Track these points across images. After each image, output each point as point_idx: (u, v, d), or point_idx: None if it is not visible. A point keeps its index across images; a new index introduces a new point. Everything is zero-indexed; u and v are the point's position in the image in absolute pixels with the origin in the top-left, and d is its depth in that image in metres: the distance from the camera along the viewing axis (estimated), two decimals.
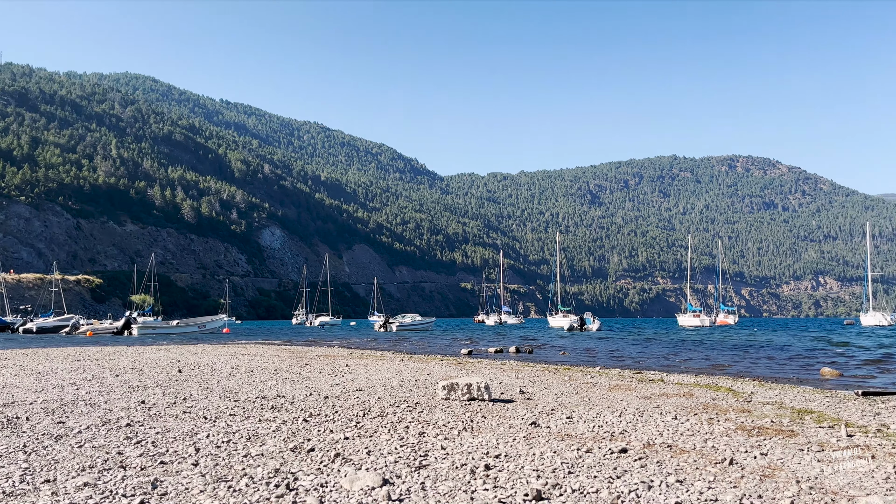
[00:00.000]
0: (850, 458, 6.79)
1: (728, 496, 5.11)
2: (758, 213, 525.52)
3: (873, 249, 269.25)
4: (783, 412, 10.31)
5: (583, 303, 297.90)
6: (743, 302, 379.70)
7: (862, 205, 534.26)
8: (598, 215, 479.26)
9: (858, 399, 12.52)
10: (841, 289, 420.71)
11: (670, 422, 8.96)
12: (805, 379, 17.68)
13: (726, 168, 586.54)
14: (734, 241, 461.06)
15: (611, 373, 17.61)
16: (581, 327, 66.50)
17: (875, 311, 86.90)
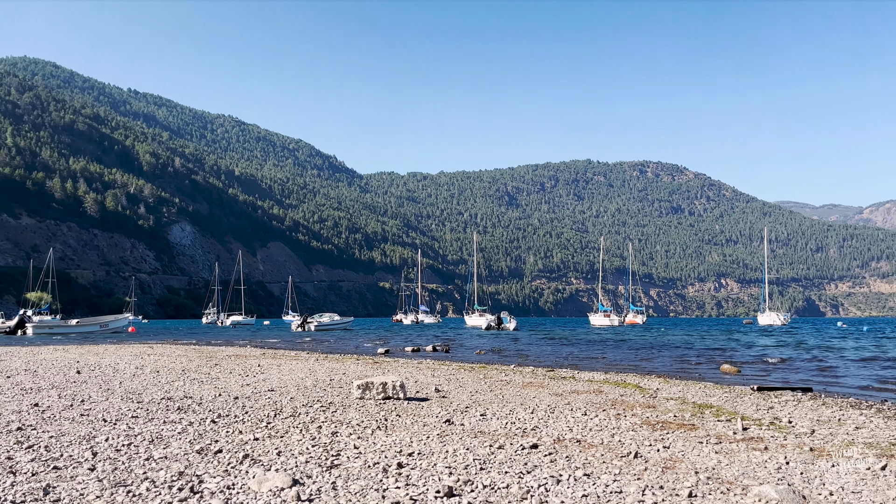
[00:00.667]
0: (745, 449, 7.16)
1: (632, 488, 5.28)
2: (666, 217, 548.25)
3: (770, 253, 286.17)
4: (685, 407, 10.77)
5: (499, 302, 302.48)
6: (651, 302, 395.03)
7: (761, 211, 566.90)
8: (516, 217, 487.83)
9: (754, 394, 13.23)
10: (741, 290, 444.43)
11: (580, 418, 9.19)
12: (707, 375, 18.54)
13: (637, 173, 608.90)
14: (644, 244, 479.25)
15: (524, 371, 17.93)
16: (498, 326, 67.45)
17: (770, 312, 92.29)
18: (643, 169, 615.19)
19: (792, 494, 5.07)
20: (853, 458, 6.74)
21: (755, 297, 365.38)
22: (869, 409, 11.38)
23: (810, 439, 7.97)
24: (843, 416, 10.37)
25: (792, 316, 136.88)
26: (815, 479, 5.78)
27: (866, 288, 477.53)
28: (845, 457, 6.84)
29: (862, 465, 6.36)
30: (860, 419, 10.05)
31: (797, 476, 5.90)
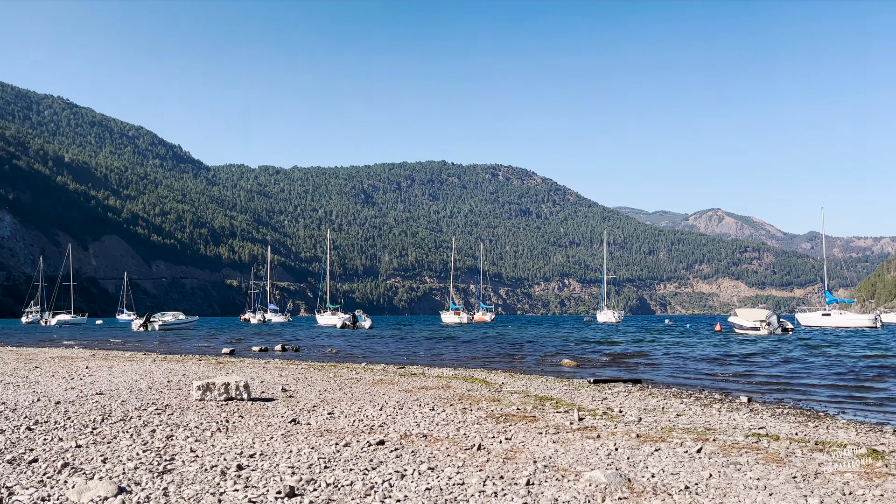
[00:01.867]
0: (580, 438, 7.57)
1: (474, 479, 5.40)
2: (515, 220, 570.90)
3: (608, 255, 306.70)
4: (528, 400, 11.22)
5: (354, 301, 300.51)
6: (500, 300, 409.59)
7: (601, 215, 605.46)
8: (371, 215, 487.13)
9: (590, 386, 14.07)
10: (582, 289, 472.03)
11: (428, 413, 9.30)
12: (548, 370, 19.48)
13: (489, 176, 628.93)
14: (494, 245, 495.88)
15: (375, 368, 17.91)
16: (354, 325, 66.95)
17: (608, 310, 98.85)
18: (495, 172, 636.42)
19: (619, 478, 5.42)
20: (673, 443, 7.33)
21: (595, 296, 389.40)
22: (689, 398, 12.46)
23: (637, 427, 8.58)
24: (667, 404, 11.28)
25: (626, 314, 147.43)
26: (640, 464, 6.22)
27: (690, 288, 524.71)
28: (666, 442, 7.42)
29: (680, 449, 6.92)
30: (681, 407, 10.98)
31: (624, 461, 6.32)
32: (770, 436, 8.14)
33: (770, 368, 19.62)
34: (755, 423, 9.40)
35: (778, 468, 6.12)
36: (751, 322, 44.52)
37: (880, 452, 7.24)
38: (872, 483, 5.60)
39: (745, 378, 17.07)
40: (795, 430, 8.78)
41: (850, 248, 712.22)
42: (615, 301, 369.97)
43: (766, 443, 7.56)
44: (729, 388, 14.67)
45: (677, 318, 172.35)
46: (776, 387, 15.21)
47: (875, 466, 6.40)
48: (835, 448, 7.43)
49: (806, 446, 7.43)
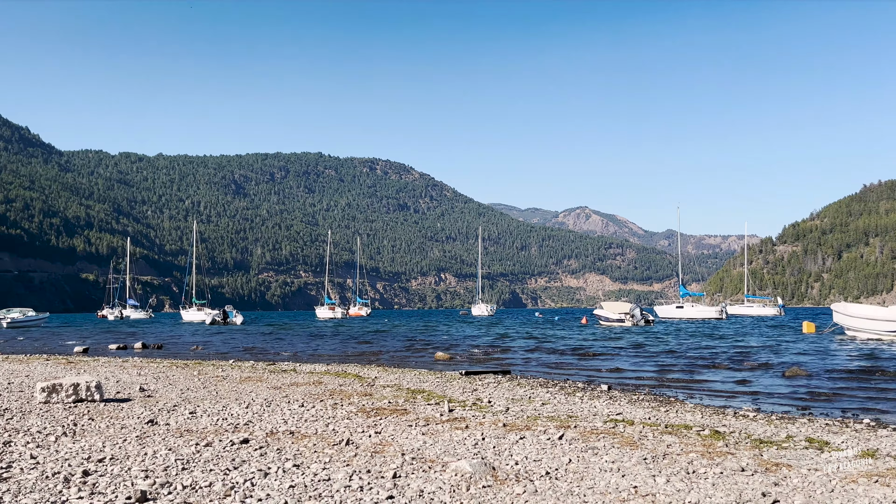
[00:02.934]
0: (449, 429, 7.66)
1: (340, 474, 5.32)
2: (393, 214, 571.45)
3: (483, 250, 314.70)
4: (400, 393, 11.25)
5: (223, 296, 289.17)
6: (378, 295, 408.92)
7: (476, 211, 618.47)
8: (243, 206, 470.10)
9: (462, 378, 14.32)
10: (458, 284, 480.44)
11: (297, 409, 9.09)
12: (422, 363, 19.65)
13: (367, 170, 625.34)
14: (372, 239, 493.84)
15: (244, 365, 17.31)
16: (224, 321, 64.41)
17: (482, 303, 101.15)
18: (373, 166, 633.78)
19: (484, 467, 5.53)
20: (537, 431, 7.58)
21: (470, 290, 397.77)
22: (554, 388, 12.98)
23: (505, 416, 8.82)
24: (534, 394, 11.68)
25: (499, 307, 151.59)
26: (505, 452, 6.38)
27: (559, 282, 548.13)
28: (531, 430, 7.68)
29: (544, 437, 7.18)
30: (547, 396, 11.41)
31: (490, 450, 6.46)
32: (626, 421, 8.62)
33: (632, 358, 20.83)
34: (614, 409, 9.94)
35: (631, 451, 6.49)
36: (616, 315, 47.07)
37: (722, 433, 7.86)
38: (713, 461, 6.06)
39: (608, 367, 18.02)
40: (649, 415, 9.36)
41: (703, 245, 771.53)
42: (489, 295, 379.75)
43: (622, 428, 8.00)
44: (592, 377, 15.43)
45: (547, 311, 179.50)
46: (635, 375, 16.16)
47: (716, 446, 6.93)
48: (682, 430, 7.98)
49: (657, 430, 7.93)
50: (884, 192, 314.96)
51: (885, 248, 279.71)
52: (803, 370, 15.83)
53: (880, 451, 6.95)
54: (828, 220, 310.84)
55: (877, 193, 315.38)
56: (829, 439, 7.64)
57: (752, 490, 5.07)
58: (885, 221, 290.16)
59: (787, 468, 5.86)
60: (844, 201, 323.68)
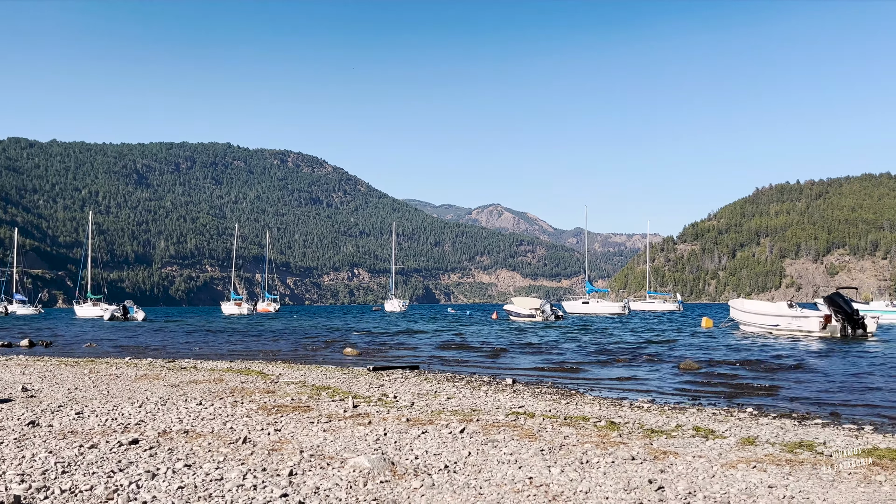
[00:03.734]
0: (351, 425, 7.59)
1: (234, 473, 5.16)
2: (305, 208, 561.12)
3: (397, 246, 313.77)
4: (304, 390, 11.05)
5: (123, 290, 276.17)
6: (288, 290, 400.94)
7: (391, 207, 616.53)
8: (146, 197, 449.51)
9: (370, 374, 14.23)
10: (371, 279, 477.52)
11: (194, 408, 8.77)
12: (330, 359, 19.41)
13: (278, 162, 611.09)
14: (283, 233, 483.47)
15: (140, 363, 16.57)
16: (124, 317, 61.42)
17: (395, 299, 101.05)
18: (284, 158, 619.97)
19: (383, 462, 5.50)
20: (440, 425, 7.63)
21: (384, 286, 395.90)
22: (461, 382, 13.10)
23: (409, 411, 8.82)
24: (440, 388, 11.75)
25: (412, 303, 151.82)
26: (406, 447, 6.38)
27: (472, 278, 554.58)
28: (434, 424, 7.71)
29: (446, 431, 7.23)
30: (452, 390, 11.50)
31: (391, 445, 6.44)
32: (527, 414, 8.81)
33: (539, 353, 21.30)
34: (517, 402, 10.12)
35: (530, 442, 6.63)
36: (527, 310, 48.01)
37: (617, 424, 8.15)
38: (606, 451, 6.27)
39: (515, 362, 18.36)
40: (550, 408, 9.59)
41: (609, 243, 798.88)
42: (403, 291, 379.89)
43: (523, 420, 8.16)
44: (499, 372, 15.67)
45: (459, 307, 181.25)
46: (540, 369, 16.54)
47: (610, 436, 7.18)
48: (580, 422, 8.22)
49: (556, 421, 8.14)
50: (774, 195, 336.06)
51: (775, 248, 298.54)
52: (696, 363, 16.65)
53: (760, 438, 7.39)
54: (724, 221, 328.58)
55: (768, 196, 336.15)
56: (714, 428, 8.06)
57: (640, 477, 5.28)
58: (775, 223, 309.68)
59: (674, 456, 6.13)
60: (739, 203, 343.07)
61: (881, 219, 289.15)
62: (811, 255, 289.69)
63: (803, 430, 8.07)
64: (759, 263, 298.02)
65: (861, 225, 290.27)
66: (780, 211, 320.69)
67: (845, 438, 7.57)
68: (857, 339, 25.29)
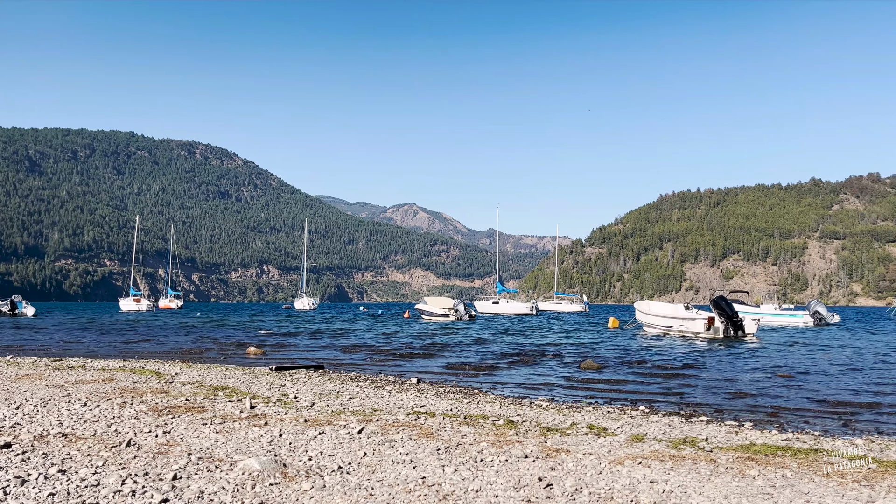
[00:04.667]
0: (246, 426, 7.38)
1: (112, 478, 4.91)
2: (213, 201, 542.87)
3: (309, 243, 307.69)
4: (201, 390, 10.68)
5: (11, 285, 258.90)
6: (193, 287, 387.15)
7: (303, 203, 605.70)
8: (38, 186, 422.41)
9: (272, 374, 13.90)
10: (281, 277, 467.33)
11: (77, 409, 8.30)
12: (233, 358, 18.85)
13: (185, 153, 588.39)
14: (188, 227, 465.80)
15: (24, 362, 15.57)
16: (12, 313, 57.54)
17: (306, 297, 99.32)
18: (192, 150, 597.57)
19: (274, 464, 5.38)
20: (338, 425, 7.53)
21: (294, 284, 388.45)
22: (366, 382, 13.00)
23: (308, 412, 8.67)
24: (343, 388, 11.62)
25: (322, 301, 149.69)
26: (301, 448, 6.26)
27: (386, 277, 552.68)
28: (333, 424, 7.61)
29: (343, 431, 7.14)
30: (356, 390, 11.40)
31: (286, 447, 6.31)
32: (429, 413, 8.83)
33: (448, 352, 21.41)
34: (419, 402, 10.14)
35: (427, 442, 6.64)
36: (441, 309, 48.24)
37: (515, 422, 8.29)
38: (502, 450, 6.36)
39: (423, 361, 18.40)
40: (451, 407, 9.66)
41: (521, 244, 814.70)
42: (314, 289, 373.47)
43: (423, 420, 8.18)
44: (404, 371, 15.66)
45: (372, 306, 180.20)
46: (447, 368, 16.64)
47: (507, 435, 7.30)
48: (480, 421, 8.32)
49: (456, 420, 8.20)
50: (676, 202, 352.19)
51: (676, 253, 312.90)
52: (597, 362, 17.20)
53: (648, 435, 7.70)
54: (629, 226, 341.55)
55: (671, 203, 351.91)
56: (607, 425, 8.34)
57: (531, 475, 5.38)
58: (677, 228, 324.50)
59: (565, 453, 6.29)
60: (644, 209, 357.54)
61: (772, 227, 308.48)
62: (709, 260, 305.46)
63: (689, 427, 8.47)
64: (661, 267, 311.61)
65: (754, 232, 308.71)
66: (681, 217, 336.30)
67: (726, 434, 8.00)
68: (739, 340, 26.81)
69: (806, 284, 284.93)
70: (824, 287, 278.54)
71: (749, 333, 28.13)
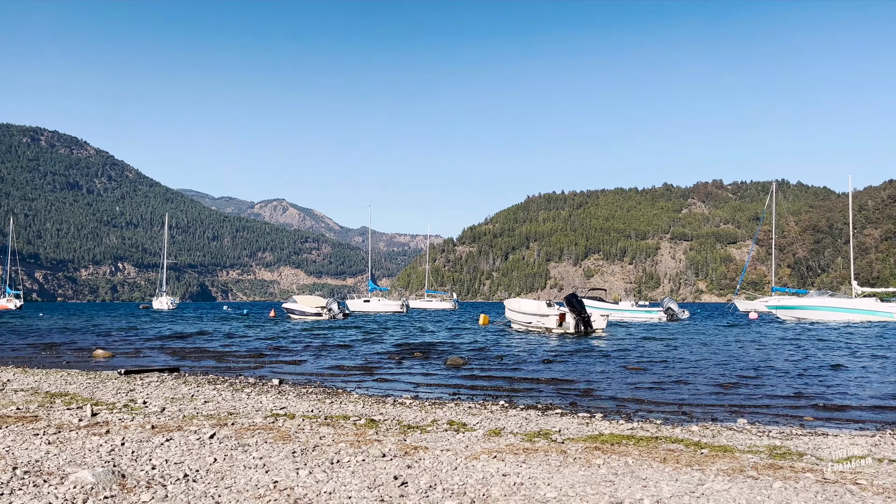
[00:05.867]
0: (85, 435, 6.84)
1: None
2: (60, 193, 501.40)
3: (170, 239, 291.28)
4: (35, 398, 9.81)
5: None
6: (36, 286, 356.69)
7: (164, 196, 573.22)
8: None
9: (120, 378, 13.03)
10: (138, 274, 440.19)
11: None
12: (77, 362, 17.49)
13: (29, 140, 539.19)
14: (32, 220, 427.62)
15: None
16: None
17: (166, 296, 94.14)
18: (36, 136, 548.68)
19: (111, 475, 5.01)
20: (189, 431, 7.15)
21: (153, 282, 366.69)
22: (224, 384, 12.48)
23: (158, 418, 8.18)
24: (199, 392, 11.08)
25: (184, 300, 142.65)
26: (144, 456, 5.88)
27: (253, 275, 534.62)
28: (182, 430, 7.21)
29: (194, 437, 6.79)
30: (212, 393, 10.90)
31: (127, 456, 5.90)
32: (288, 415, 8.61)
33: (315, 352, 21.00)
34: (279, 403, 9.86)
35: (283, 445, 6.45)
36: (313, 308, 47.23)
37: (377, 421, 8.26)
38: (360, 450, 6.29)
39: (289, 362, 17.93)
40: (313, 408, 9.47)
41: (394, 243, 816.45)
42: (175, 287, 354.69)
43: (281, 422, 7.95)
44: (266, 374, 15.18)
45: (237, 305, 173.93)
46: (313, 369, 16.31)
47: (368, 434, 7.25)
48: (341, 421, 8.21)
49: (317, 422, 8.04)
50: (542, 203, 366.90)
51: (542, 252, 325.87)
52: (462, 359, 17.52)
53: (506, 429, 7.92)
54: (498, 225, 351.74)
55: (538, 204, 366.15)
56: (467, 421, 8.50)
57: (387, 474, 5.36)
58: (543, 229, 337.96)
59: (423, 451, 6.33)
60: (512, 209, 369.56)
61: (629, 228, 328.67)
62: (572, 259, 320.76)
63: (544, 420, 8.81)
64: (528, 266, 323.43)
65: (613, 233, 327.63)
66: (547, 218, 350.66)
67: (578, 426, 8.39)
68: (588, 335, 28.30)
69: (658, 282, 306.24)
70: (674, 285, 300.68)
71: (598, 329, 29.73)
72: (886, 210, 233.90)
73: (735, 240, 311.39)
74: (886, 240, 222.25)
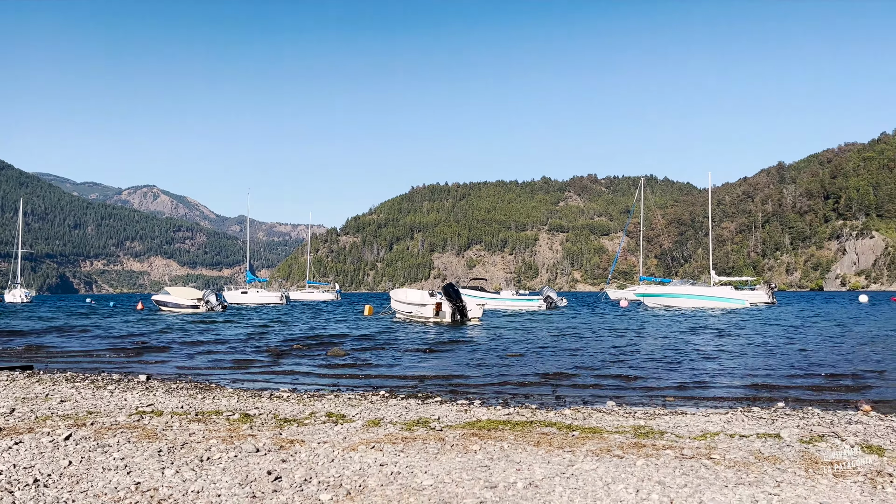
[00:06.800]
0: None
1: None
2: None
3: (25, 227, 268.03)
4: None
5: None
6: None
7: (18, 181, 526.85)
8: None
9: None
10: None
11: None
12: None
13: None
14: None
15: None
16: None
17: (19, 288, 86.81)
18: None
19: None
20: (41, 433, 6.61)
21: (5, 273, 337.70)
22: (84, 382, 11.65)
23: (5, 419, 7.52)
24: (54, 390, 10.28)
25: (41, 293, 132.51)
26: None
27: (121, 266, 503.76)
28: (34, 432, 6.65)
29: (46, 439, 6.27)
30: (70, 392, 10.15)
31: None
32: (155, 412, 8.16)
33: (185, 348, 20.05)
34: (146, 400, 9.33)
35: (148, 444, 6.10)
36: (189, 300, 44.94)
37: (251, 416, 7.99)
38: (232, 445, 6.05)
39: (157, 358, 17.04)
40: (182, 404, 9.03)
41: (274, 232, 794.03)
42: (31, 279, 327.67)
43: (147, 420, 7.52)
44: (134, 369, 14.34)
45: (102, 297, 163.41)
46: (184, 364, 15.58)
47: (241, 429, 6.99)
48: (212, 416, 7.88)
49: (186, 418, 7.67)
50: (427, 194, 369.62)
51: (426, 242, 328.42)
52: (343, 349, 17.32)
53: (385, 419, 7.89)
54: (383, 216, 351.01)
55: (422, 195, 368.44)
56: (346, 412, 8.39)
57: (260, 469, 5.19)
58: (427, 219, 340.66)
59: (300, 444, 6.18)
60: (397, 200, 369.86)
61: (510, 220, 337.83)
62: (455, 250, 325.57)
63: (424, 409, 8.85)
64: (412, 256, 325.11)
65: (494, 224, 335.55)
66: (431, 209, 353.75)
67: (457, 413, 8.50)
68: (464, 324, 28.84)
69: (537, 272, 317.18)
70: (552, 274, 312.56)
71: (473, 318, 30.32)
72: (741, 205, 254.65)
73: (608, 231, 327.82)
74: (740, 232, 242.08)
